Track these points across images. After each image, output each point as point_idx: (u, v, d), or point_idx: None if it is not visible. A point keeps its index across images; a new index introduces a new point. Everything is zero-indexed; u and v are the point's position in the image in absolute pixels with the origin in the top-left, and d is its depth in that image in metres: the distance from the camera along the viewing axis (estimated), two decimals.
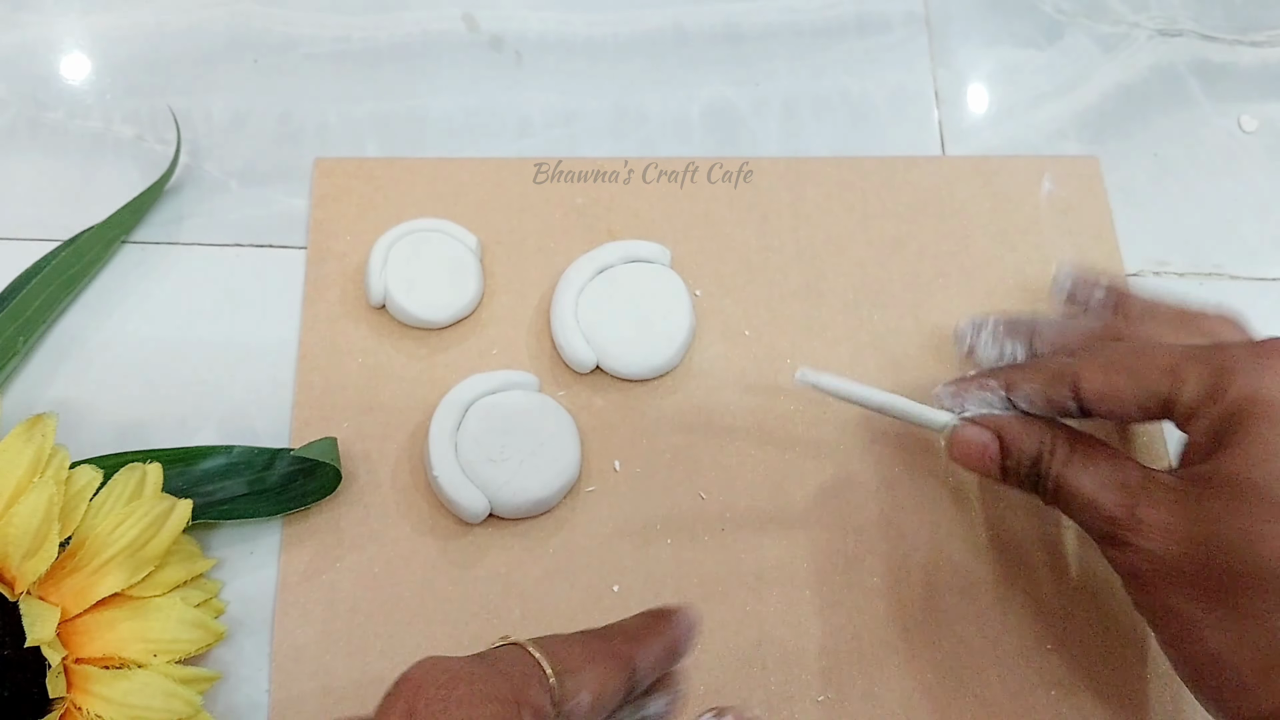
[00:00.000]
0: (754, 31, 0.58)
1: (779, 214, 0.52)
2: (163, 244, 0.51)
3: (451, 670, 0.29)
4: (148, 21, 0.57)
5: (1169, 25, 0.58)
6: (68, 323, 0.49)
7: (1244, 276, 0.52)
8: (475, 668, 0.29)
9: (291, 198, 0.52)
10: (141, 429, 0.47)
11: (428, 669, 0.29)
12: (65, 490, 0.40)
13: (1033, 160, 0.54)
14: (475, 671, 0.29)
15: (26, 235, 0.50)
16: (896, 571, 0.45)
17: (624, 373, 0.48)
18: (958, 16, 0.58)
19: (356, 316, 0.49)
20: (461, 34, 0.57)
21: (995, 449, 0.39)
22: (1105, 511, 0.36)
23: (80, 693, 0.38)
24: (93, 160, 0.53)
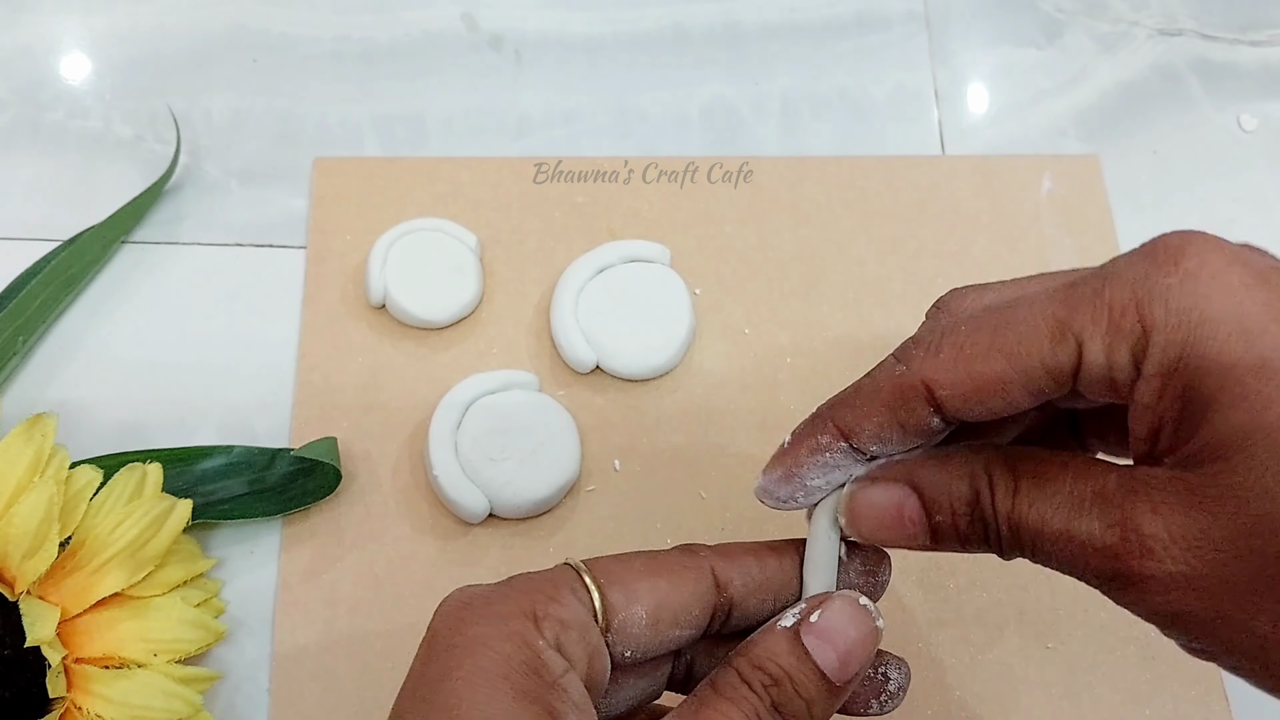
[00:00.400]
0: (754, 31, 0.58)
1: (779, 213, 0.52)
2: (162, 244, 0.51)
3: (471, 593, 0.27)
4: (147, 22, 0.57)
5: (1169, 24, 0.58)
6: (67, 323, 0.49)
7: None
8: (498, 588, 0.27)
9: (291, 197, 0.52)
10: (141, 429, 0.47)
11: (453, 597, 0.27)
12: (65, 490, 0.40)
13: (1033, 159, 0.54)
14: (496, 591, 0.27)
15: (26, 235, 0.50)
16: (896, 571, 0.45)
17: (624, 372, 0.48)
18: (957, 15, 0.58)
19: (356, 316, 0.49)
20: (461, 33, 0.57)
21: (914, 506, 0.28)
22: (1093, 543, 0.25)
23: (80, 692, 0.38)
24: (92, 160, 0.53)
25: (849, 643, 0.27)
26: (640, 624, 0.28)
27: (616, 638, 0.28)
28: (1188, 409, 0.24)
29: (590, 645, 0.27)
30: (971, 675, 0.43)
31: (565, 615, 0.26)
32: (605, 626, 0.27)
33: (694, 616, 0.28)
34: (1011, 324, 0.26)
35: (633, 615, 0.28)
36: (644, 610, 0.28)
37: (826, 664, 0.26)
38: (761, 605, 0.29)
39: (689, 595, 0.28)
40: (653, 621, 0.28)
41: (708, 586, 0.29)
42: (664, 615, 0.28)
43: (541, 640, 0.26)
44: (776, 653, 0.27)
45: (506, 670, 0.25)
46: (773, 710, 0.26)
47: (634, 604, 0.28)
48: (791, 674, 0.26)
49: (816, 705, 0.26)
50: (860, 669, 0.27)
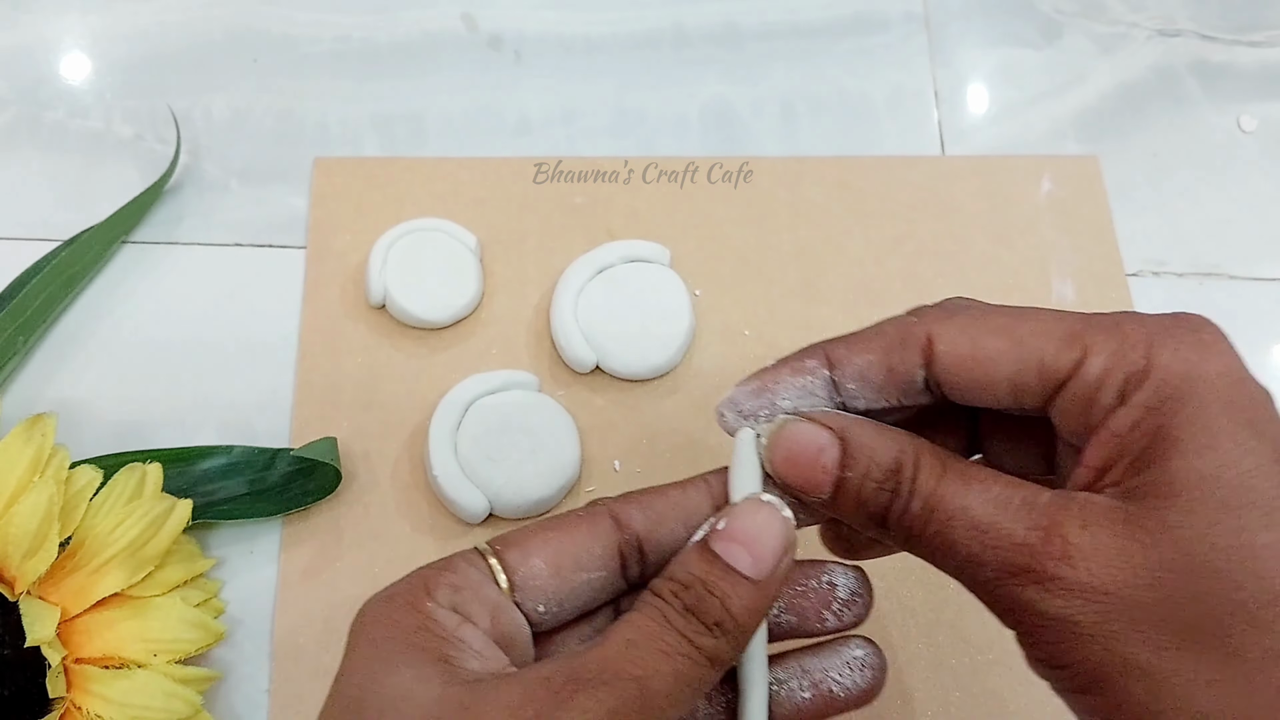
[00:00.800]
0: (753, 31, 0.58)
1: (778, 213, 0.52)
2: (162, 244, 0.51)
3: (375, 594, 0.28)
4: (147, 21, 0.57)
5: (1167, 25, 0.58)
6: (68, 323, 0.49)
7: (1243, 276, 0.52)
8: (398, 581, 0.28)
9: (291, 197, 0.52)
10: (141, 429, 0.47)
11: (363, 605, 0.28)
12: (65, 490, 0.40)
13: (1032, 160, 0.54)
14: (394, 583, 0.28)
15: (26, 235, 0.50)
16: (896, 570, 0.45)
17: (624, 373, 0.48)
18: (957, 16, 0.58)
19: (356, 316, 0.49)
20: (461, 33, 0.57)
21: (834, 455, 0.28)
22: (1013, 537, 0.26)
23: (80, 692, 0.38)
24: (92, 160, 0.53)
25: (759, 537, 0.27)
26: (542, 575, 0.28)
27: (524, 595, 0.28)
28: (1152, 446, 0.25)
29: (491, 603, 0.27)
30: (972, 676, 0.43)
31: (457, 580, 0.27)
32: (510, 586, 0.28)
33: (597, 557, 0.28)
34: (1029, 318, 0.27)
35: (532, 568, 0.28)
36: (542, 561, 0.28)
37: (741, 563, 0.26)
38: (674, 535, 0.29)
39: (586, 537, 0.28)
40: (554, 570, 0.28)
41: (606, 527, 0.29)
42: (564, 561, 0.28)
43: (431, 603, 0.26)
44: (687, 564, 0.27)
45: (395, 633, 0.26)
46: (685, 613, 0.26)
47: (531, 557, 0.28)
48: (703, 578, 0.26)
49: (734, 600, 0.26)
50: (779, 561, 0.27)
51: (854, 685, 0.30)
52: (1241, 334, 0.52)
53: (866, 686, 0.30)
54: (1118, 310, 0.28)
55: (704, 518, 0.29)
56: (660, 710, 0.25)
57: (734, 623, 0.26)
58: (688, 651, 0.25)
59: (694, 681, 0.25)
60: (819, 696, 0.30)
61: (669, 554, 0.29)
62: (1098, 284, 0.51)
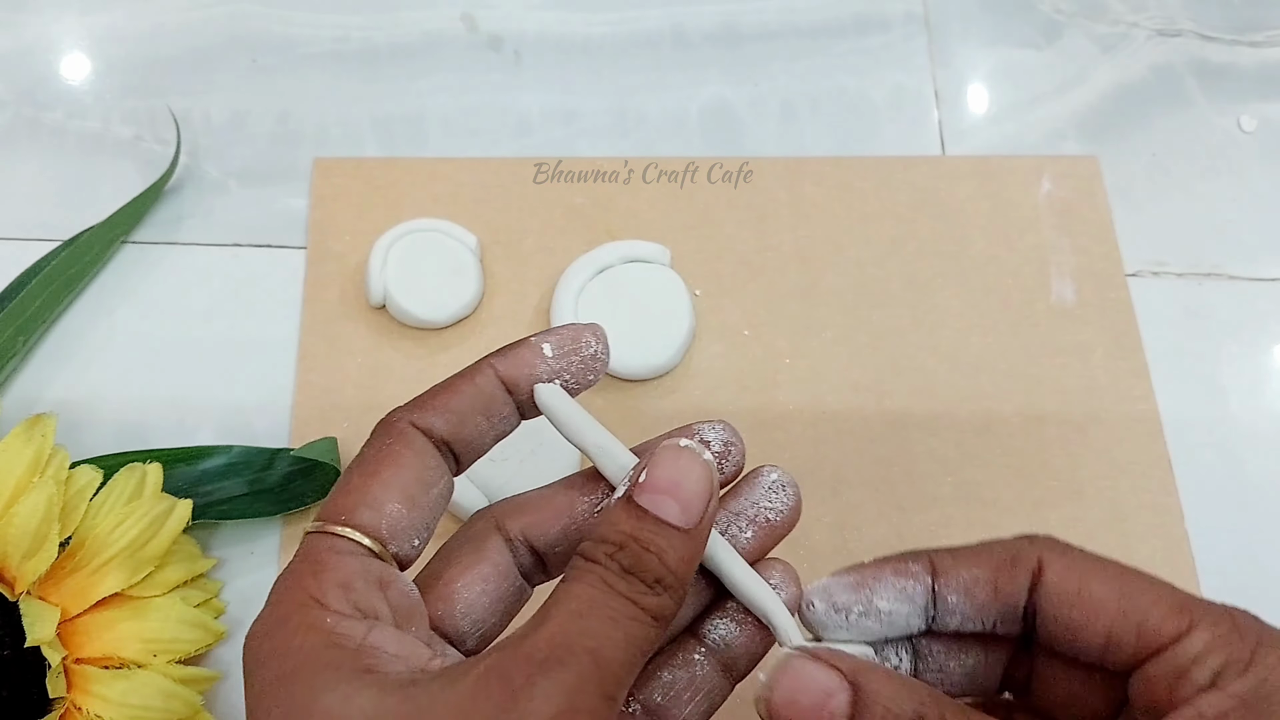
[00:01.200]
0: (753, 31, 0.58)
1: (778, 214, 0.52)
2: (162, 244, 0.51)
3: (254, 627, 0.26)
4: (147, 22, 0.57)
5: (1168, 25, 0.58)
6: (68, 323, 0.49)
7: (1243, 276, 0.52)
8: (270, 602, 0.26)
9: (291, 198, 0.52)
10: (141, 429, 0.47)
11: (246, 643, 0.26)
12: (65, 490, 0.40)
13: (1032, 160, 0.54)
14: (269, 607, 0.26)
15: (26, 235, 0.50)
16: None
17: (623, 372, 0.48)
18: (957, 16, 0.58)
19: (356, 317, 0.49)
20: (460, 34, 0.57)
21: (843, 703, 0.26)
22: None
23: (80, 693, 0.38)
24: (92, 161, 0.53)
25: (683, 484, 0.26)
26: (400, 514, 0.26)
27: (396, 543, 0.27)
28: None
29: (376, 578, 0.26)
30: None
31: (339, 575, 0.25)
32: (383, 545, 0.26)
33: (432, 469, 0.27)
34: (1141, 578, 0.27)
35: (389, 514, 0.26)
36: (392, 500, 0.26)
37: (670, 513, 0.26)
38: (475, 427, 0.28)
39: (412, 458, 0.27)
40: (407, 501, 0.27)
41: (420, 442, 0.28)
42: (409, 489, 0.27)
43: (329, 614, 0.24)
44: (615, 522, 0.26)
45: (303, 660, 0.24)
46: (623, 574, 0.25)
47: (382, 505, 0.26)
48: (635, 534, 0.25)
49: (670, 554, 0.25)
50: (706, 505, 0.26)
51: (784, 506, 0.30)
52: (1241, 334, 0.52)
53: (794, 504, 0.30)
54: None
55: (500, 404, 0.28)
56: (618, 679, 0.24)
57: (673, 576, 0.25)
58: (634, 614, 0.25)
59: (644, 643, 0.25)
60: (760, 529, 0.29)
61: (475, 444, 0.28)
62: (1097, 284, 0.51)
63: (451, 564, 0.28)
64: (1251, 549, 0.46)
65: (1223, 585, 0.45)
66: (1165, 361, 0.50)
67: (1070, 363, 0.49)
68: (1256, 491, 0.47)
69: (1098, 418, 0.48)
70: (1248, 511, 0.47)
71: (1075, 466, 0.47)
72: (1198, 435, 0.48)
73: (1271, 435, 0.48)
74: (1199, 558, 0.45)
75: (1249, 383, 0.50)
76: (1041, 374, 0.49)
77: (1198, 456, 0.48)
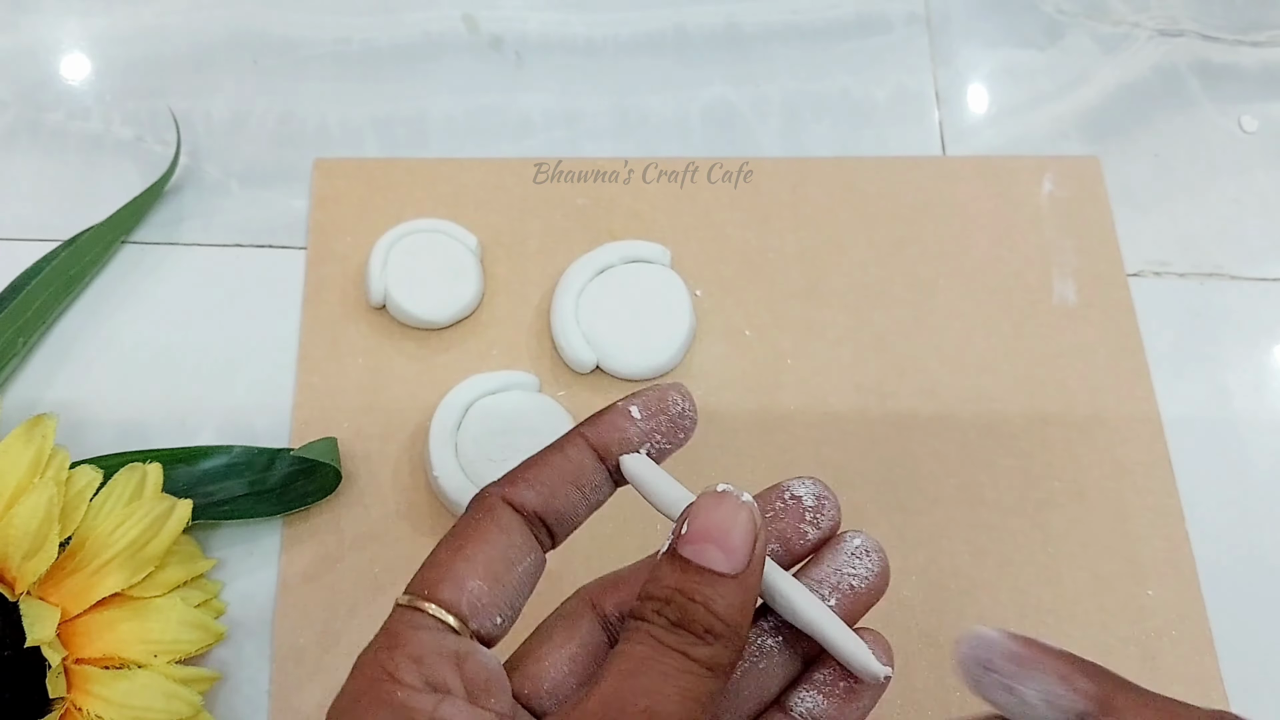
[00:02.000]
0: (754, 31, 0.58)
1: (779, 214, 0.52)
2: (162, 245, 0.51)
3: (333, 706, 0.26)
4: (147, 23, 0.57)
5: (1170, 25, 0.58)
6: (68, 323, 0.49)
7: (1244, 277, 0.52)
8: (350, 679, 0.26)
9: (291, 198, 0.52)
10: (141, 429, 0.47)
11: None
12: (65, 490, 0.40)
13: (1034, 160, 0.54)
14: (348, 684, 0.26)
15: (26, 236, 0.50)
16: (895, 571, 0.45)
17: (624, 373, 0.48)
18: (958, 16, 0.58)
19: (356, 317, 0.49)
20: (461, 34, 0.57)
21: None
22: None
23: (80, 693, 0.38)
24: (92, 161, 0.53)
25: (727, 530, 0.26)
26: (483, 591, 0.27)
27: (478, 621, 0.27)
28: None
29: (451, 654, 0.26)
30: None
31: (414, 651, 0.26)
32: (462, 621, 0.27)
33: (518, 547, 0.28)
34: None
35: (472, 591, 0.27)
36: (476, 579, 0.27)
37: (715, 561, 0.25)
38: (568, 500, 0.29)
39: (498, 534, 0.27)
40: (491, 580, 0.27)
41: (508, 517, 0.28)
42: (495, 568, 0.27)
43: (401, 689, 0.25)
44: (661, 578, 0.26)
45: None
46: (672, 628, 0.25)
47: (465, 582, 0.27)
48: (680, 587, 0.25)
49: (719, 601, 0.25)
50: (752, 549, 0.26)
51: (869, 573, 0.29)
52: (1243, 334, 0.52)
53: (880, 570, 0.30)
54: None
55: (591, 473, 0.29)
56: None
57: (724, 625, 0.25)
58: (687, 667, 0.25)
59: (702, 695, 0.25)
60: (845, 597, 0.29)
61: (569, 516, 0.29)
62: (1099, 284, 0.51)
63: (543, 642, 0.29)
64: (1253, 549, 0.46)
65: (1224, 586, 0.45)
66: (1167, 362, 0.49)
67: (1072, 363, 0.49)
68: (1258, 492, 0.47)
69: (1099, 418, 0.48)
70: (1249, 512, 0.47)
71: (1077, 467, 0.47)
72: (1199, 436, 0.48)
73: (1273, 435, 0.48)
74: (1200, 558, 0.45)
75: (1251, 383, 0.50)
76: (1043, 374, 0.49)
77: (1199, 457, 0.48)
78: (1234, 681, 0.43)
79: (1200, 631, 0.44)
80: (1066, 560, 0.45)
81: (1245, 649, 0.44)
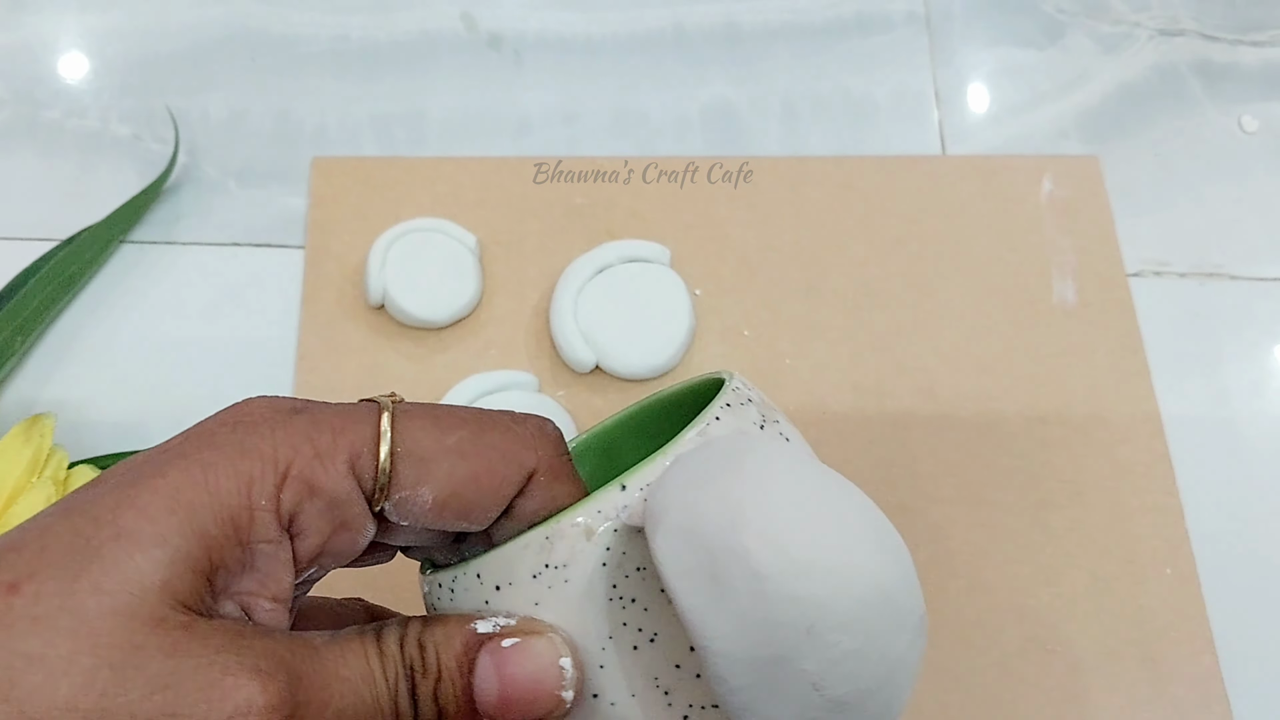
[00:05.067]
0: (754, 31, 0.58)
1: (779, 214, 0.52)
2: (161, 244, 0.51)
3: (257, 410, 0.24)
4: (145, 21, 0.56)
5: (1170, 25, 0.58)
6: (66, 323, 0.49)
7: (1245, 276, 0.52)
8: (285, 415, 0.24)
9: (290, 197, 0.52)
10: (141, 429, 0.47)
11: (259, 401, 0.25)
12: (64, 490, 0.40)
13: (1033, 160, 0.54)
14: (276, 417, 0.24)
15: (24, 235, 0.50)
16: None
17: (624, 373, 0.47)
18: (958, 16, 0.58)
19: (355, 316, 0.49)
20: (460, 33, 0.57)
21: None
22: None
23: None
24: (90, 160, 0.53)
25: (519, 691, 0.24)
26: (423, 507, 0.25)
27: (393, 508, 0.25)
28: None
29: (338, 520, 0.25)
30: (971, 678, 0.43)
31: (322, 484, 0.24)
32: (384, 496, 0.25)
33: (488, 515, 0.26)
34: None
35: (417, 496, 0.25)
36: (430, 495, 0.25)
37: (480, 692, 0.24)
38: None
39: (489, 493, 0.25)
40: (437, 509, 0.25)
41: (515, 483, 0.25)
42: (453, 504, 0.25)
43: (265, 500, 0.23)
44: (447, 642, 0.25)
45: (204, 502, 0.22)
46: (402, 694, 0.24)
47: (421, 485, 0.25)
48: (443, 674, 0.24)
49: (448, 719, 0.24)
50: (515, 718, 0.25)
51: None
52: (1243, 334, 0.52)
53: None
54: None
55: None
56: None
57: None
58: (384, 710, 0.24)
59: None
60: None
61: None
62: (1099, 284, 0.51)
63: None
64: (1253, 549, 0.46)
65: (1224, 585, 0.45)
66: (1167, 362, 0.49)
67: (1072, 363, 0.49)
68: (1258, 492, 0.47)
69: (1099, 418, 0.48)
70: (1250, 512, 0.47)
71: (1077, 467, 0.47)
72: (1199, 436, 0.48)
73: (1273, 436, 0.48)
74: (1200, 558, 0.45)
75: (1251, 383, 0.49)
76: (1043, 374, 0.49)
77: (1199, 457, 0.47)
78: (1234, 681, 0.43)
79: (1200, 631, 0.44)
80: (1066, 560, 0.45)
81: (1245, 649, 0.44)
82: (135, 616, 0.21)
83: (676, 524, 0.22)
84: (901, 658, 0.23)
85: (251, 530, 0.23)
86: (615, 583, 0.24)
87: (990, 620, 0.44)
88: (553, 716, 0.24)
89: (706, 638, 0.22)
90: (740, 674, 0.22)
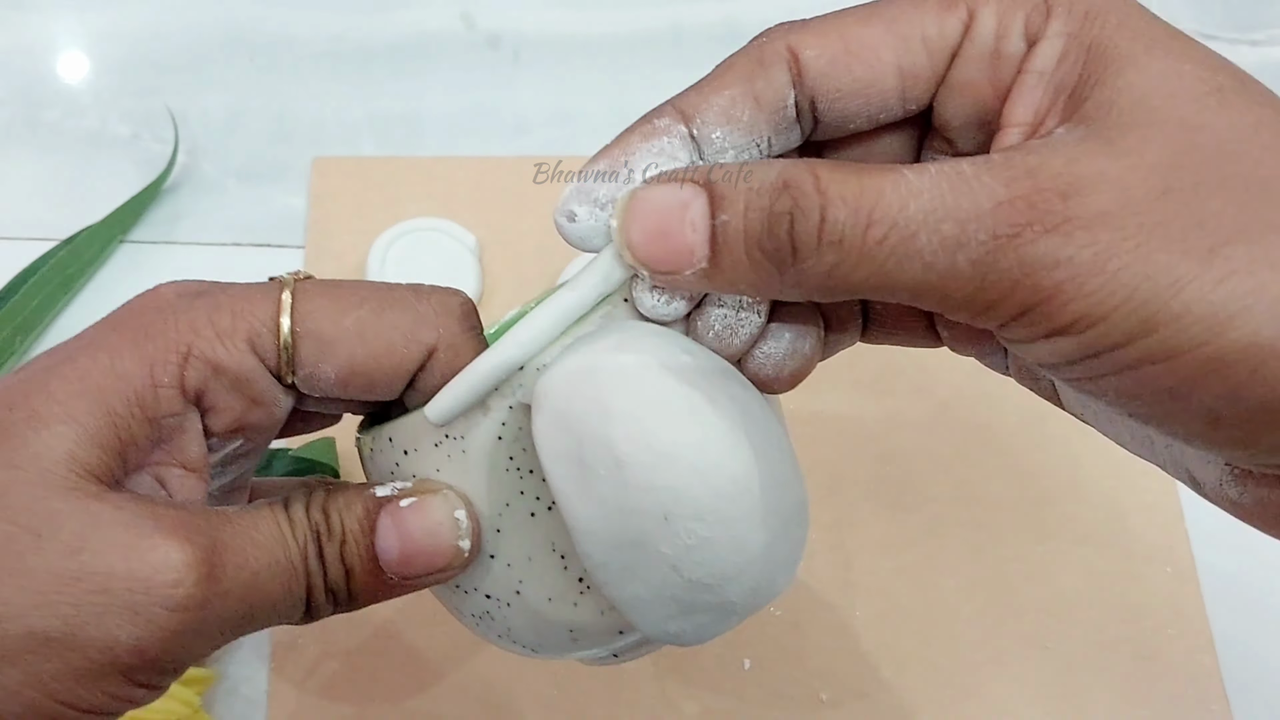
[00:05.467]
0: (753, 30, 0.57)
1: None
2: (160, 243, 0.51)
3: (163, 296, 0.26)
4: (144, 21, 0.57)
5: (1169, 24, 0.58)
6: (65, 323, 0.49)
7: None
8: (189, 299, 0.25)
9: (289, 197, 0.52)
10: None
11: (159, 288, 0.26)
12: None
13: None
14: (179, 302, 0.25)
15: (23, 235, 0.50)
16: (891, 568, 0.45)
17: None
18: None
19: None
20: (459, 33, 0.57)
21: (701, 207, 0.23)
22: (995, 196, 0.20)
23: None
24: (90, 159, 0.53)
25: (418, 546, 0.25)
26: (328, 382, 0.26)
27: (301, 382, 0.26)
28: (1089, 68, 0.22)
29: (247, 395, 0.25)
30: (966, 675, 0.43)
31: (224, 362, 0.25)
32: (288, 374, 0.26)
33: (392, 389, 0.26)
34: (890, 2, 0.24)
35: (320, 373, 0.25)
36: (332, 371, 0.25)
37: (383, 550, 0.25)
38: None
39: (388, 370, 0.26)
40: (341, 385, 0.26)
41: (415, 359, 0.26)
42: (356, 381, 0.26)
43: (168, 379, 0.24)
44: (349, 507, 0.25)
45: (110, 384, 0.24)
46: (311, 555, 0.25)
47: (323, 362, 0.25)
48: (347, 536, 0.25)
49: (356, 577, 0.25)
50: (419, 575, 0.25)
51: None
52: None
53: None
54: None
55: None
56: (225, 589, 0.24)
57: (346, 595, 0.25)
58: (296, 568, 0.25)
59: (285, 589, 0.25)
60: None
61: None
62: None
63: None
64: (1252, 546, 0.46)
65: (1224, 582, 0.45)
66: None
67: None
68: None
69: None
70: None
71: (1074, 465, 0.47)
72: None
73: None
74: (1199, 555, 0.45)
75: None
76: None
77: None
78: (1234, 681, 0.43)
79: (1200, 630, 0.44)
80: (1063, 558, 0.45)
81: (1245, 649, 0.44)
82: (48, 486, 0.22)
83: (555, 409, 0.23)
84: (766, 549, 0.24)
85: (157, 407, 0.24)
86: (512, 454, 0.25)
87: (987, 617, 0.44)
88: (452, 567, 0.26)
89: (574, 517, 0.23)
90: (604, 552, 0.23)
